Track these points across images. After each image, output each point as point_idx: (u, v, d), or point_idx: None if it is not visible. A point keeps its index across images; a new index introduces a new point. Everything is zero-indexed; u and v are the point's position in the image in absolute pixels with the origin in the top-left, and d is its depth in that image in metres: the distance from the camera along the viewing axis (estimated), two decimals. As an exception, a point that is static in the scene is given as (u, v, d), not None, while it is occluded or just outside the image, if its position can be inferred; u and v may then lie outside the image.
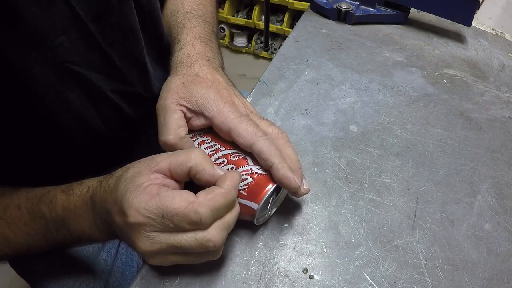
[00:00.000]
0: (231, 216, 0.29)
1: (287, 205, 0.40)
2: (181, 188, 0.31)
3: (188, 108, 0.35)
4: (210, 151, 0.34)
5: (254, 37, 2.06)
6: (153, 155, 0.31)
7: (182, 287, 0.33)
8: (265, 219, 0.37)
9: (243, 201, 0.32)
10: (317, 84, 0.56)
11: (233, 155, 0.34)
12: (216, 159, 0.34)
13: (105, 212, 0.31)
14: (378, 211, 0.40)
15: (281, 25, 1.93)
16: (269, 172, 0.32)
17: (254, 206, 0.32)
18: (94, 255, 0.52)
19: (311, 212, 0.39)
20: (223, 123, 0.33)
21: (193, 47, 0.41)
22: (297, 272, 0.35)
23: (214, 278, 0.34)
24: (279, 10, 2.00)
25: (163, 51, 0.51)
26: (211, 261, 0.34)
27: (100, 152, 0.48)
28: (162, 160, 0.30)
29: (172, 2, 0.53)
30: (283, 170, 0.31)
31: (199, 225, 0.27)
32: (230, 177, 0.29)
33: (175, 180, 0.31)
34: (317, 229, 0.38)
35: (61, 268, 0.51)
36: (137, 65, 0.46)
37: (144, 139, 0.53)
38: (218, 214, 0.28)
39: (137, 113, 0.49)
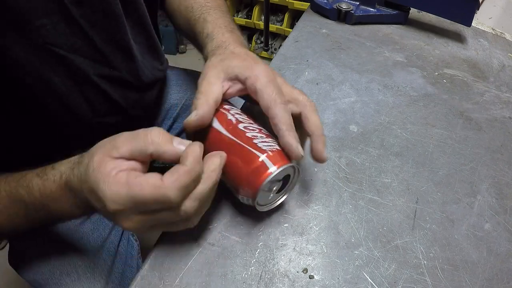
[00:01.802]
0: (202, 187, 0.29)
1: (287, 205, 0.40)
2: (146, 167, 0.31)
3: (225, 78, 0.36)
4: (246, 124, 0.35)
5: (254, 37, 2.06)
6: (113, 136, 0.31)
7: (182, 287, 0.33)
8: (267, 208, 0.36)
9: (266, 160, 0.32)
10: (317, 84, 0.56)
11: (264, 130, 0.35)
12: (248, 126, 0.34)
13: (83, 197, 0.31)
14: (378, 211, 0.40)
15: (281, 25, 1.93)
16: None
17: (273, 169, 0.31)
18: (94, 254, 0.52)
19: (311, 212, 0.39)
20: (253, 85, 0.34)
21: (223, 35, 0.43)
22: (297, 272, 0.35)
23: (214, 278, 0.34)
24: (279, 10, 2.00)
25: (151, 40, 0.52)
26: (211, 261, 0.35)
27: (90, 142, 0.48)
28: (123, 146, 0.29)
29: None
30: (287, 138, 0.32)
31: (169, 204, 0.28)
32: (191, 152, 0.29)
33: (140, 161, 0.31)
34: (317, 229, 0.38)
35: (60, 268, 0.51)
36: (121, 49, 0.46)
37: (137, 128, 0.54)
38: (187, 190, 0.28)
39: (125, 99, 0.50)
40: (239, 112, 0.36)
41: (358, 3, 0.70)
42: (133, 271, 0.54)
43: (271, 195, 0.35)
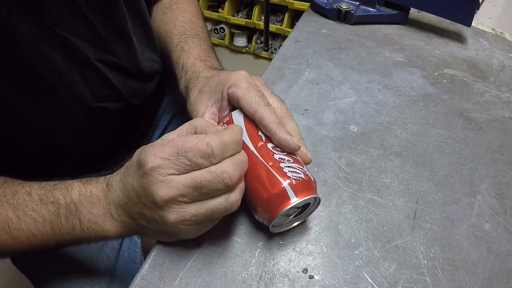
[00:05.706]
0: (242, 155, 0.31)
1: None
2: None
3: (214, 102, 0.38)
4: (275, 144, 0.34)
5: (254, 37, 2.06)
6: None
7: (182, 287, 0.33)
8: (280, 230, 0.36)
9: (288, 189, 0.31)
10: (317, 84, 0.56)
11: (292, 156, 0.34)
12: (276, 147, 0.34)
13: (120, 192, 0.32)
14: (378, 211, 0.40)
15: (281, 25, 1.93)
16: (315, 182, 0.33)
17: (293, 200, 0.31)
18: (97, 251, 0.53)
19: (311, 212, 0.39)
20: (234, 93, 0.35)
21: (194, 66, 0.45)
22: (297, 272, 0.35)
23: (214, 278, 0.34)
24: (279, 10, 2.00)
25: (149, 34, 0.54)
26: (211, 261, 0.35)
27: (91, 126, 0.49)
28: (170, 133, 0.33)
29: (164, 22, 0.56)
30: (280, 134, 0.33)
31: (211, 157, 0.29)
32: (234, 126, 0.32)
33: None
34: (317, 229, 0.38)
35: (64, 264, 0.51)
36: (122, 37, 0.47)
37: (136, 119, 0.55)
38: (227, 149, 0.30)
39: (125, 86, 0.50)
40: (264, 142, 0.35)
41: (358, 3, 0.70)
42: (136, 267, 0.54)
43: (287, 219, 0.35)
